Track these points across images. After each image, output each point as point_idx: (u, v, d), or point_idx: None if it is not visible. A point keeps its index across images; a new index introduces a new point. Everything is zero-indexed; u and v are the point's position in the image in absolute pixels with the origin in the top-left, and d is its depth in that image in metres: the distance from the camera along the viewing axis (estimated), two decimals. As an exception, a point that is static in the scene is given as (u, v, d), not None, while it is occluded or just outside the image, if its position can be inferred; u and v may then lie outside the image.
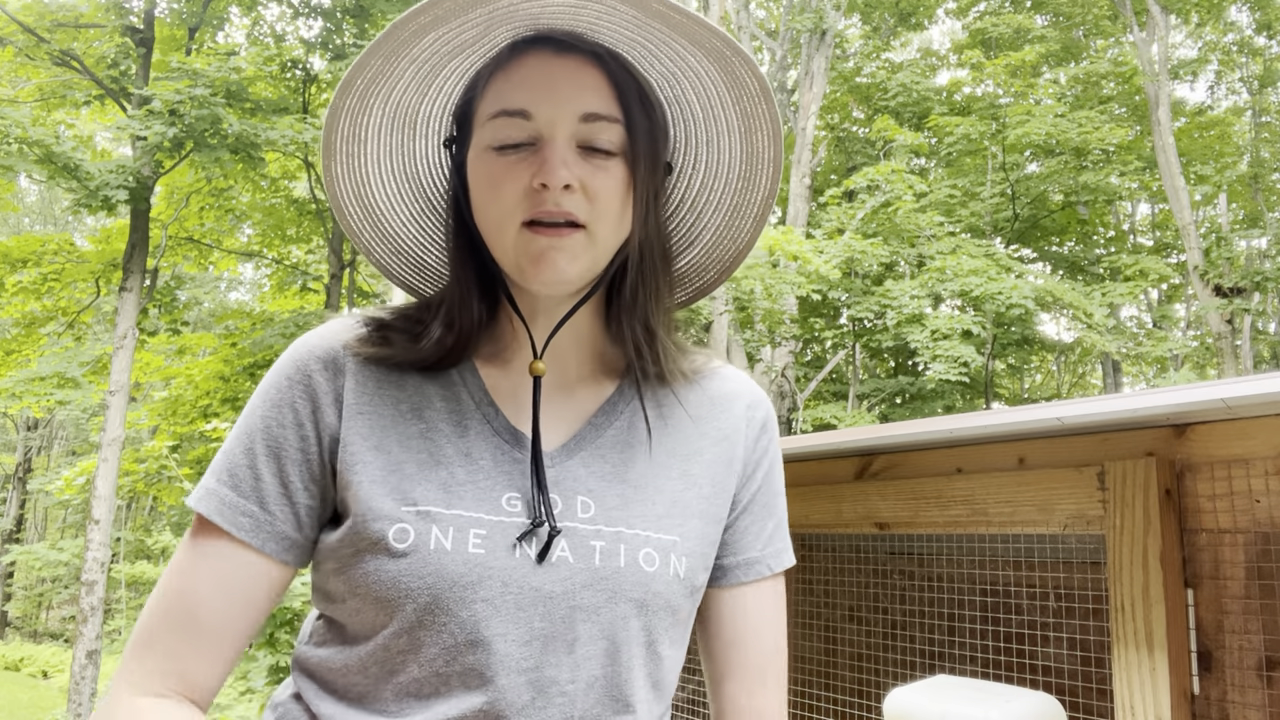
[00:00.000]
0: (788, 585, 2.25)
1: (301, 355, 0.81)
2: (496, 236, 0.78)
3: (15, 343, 13.15)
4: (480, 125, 0.78)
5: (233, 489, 0.78)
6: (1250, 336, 14.32)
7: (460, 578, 0.74)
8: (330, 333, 0.82)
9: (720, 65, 0.79)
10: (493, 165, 0.76)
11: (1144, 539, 1.38)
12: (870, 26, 18.17)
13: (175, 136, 9.09)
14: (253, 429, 0.80)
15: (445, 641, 0.73)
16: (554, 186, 0.74)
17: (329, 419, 0.79)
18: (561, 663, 0.75)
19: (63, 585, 22.54)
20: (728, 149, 0.86)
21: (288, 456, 0.79)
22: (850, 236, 11.84)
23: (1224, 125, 16.11)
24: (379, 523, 0.75)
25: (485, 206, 0.78)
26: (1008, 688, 1.48)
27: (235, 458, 0.79)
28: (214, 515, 0.77)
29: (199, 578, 0.77)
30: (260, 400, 0.81)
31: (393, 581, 0.74)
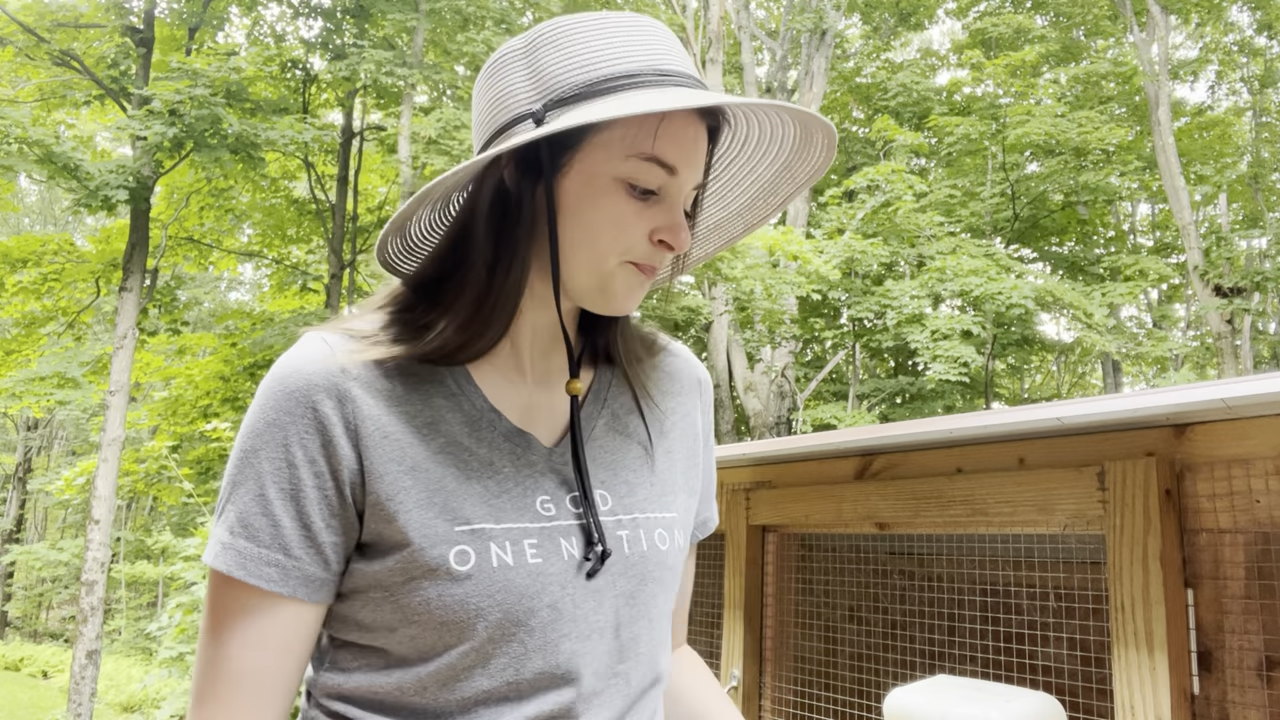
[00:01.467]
0: (788, 585, 2.25)
1: (299, 386, 0.76)
2: (592, 261, 0.79)
3: (15, 343, 13.15)
4: (612, 153, 0.77)
5: (250, 540, 0.75)
6: (1250, 336, 14.32)
7: (527, 589, 0.76)
8: (320, 357, 0.78)
9: (800, 124, 0.83)
10: (624, 204, 0.77)
11: (1144, 539, 1.38)
12: (870, 26, 18.18)
13: (175, 136, 9.09)
14: (260, 473, 0.76)
15: (515, 651, 0.76)
16: (679, 251, 0.79)
17: (344, 451, 0.76)
18: (616, 650, 0.81)
19: (63, 585, 22.54)
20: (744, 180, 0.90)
21: (305, 496, 0.76)
22: (850, 236, 11.85)
23: (1224, 125, 16.12)
24: (437, 548, 0.75)
25: (597, 233, 0.78)
26: (1008, 688, 1.48)
27: (246, 506, 0.75)
28: (236, 571, 0.74)
29: (236, 640, 0.75)
30: (261, 441, 0.76)
31: (460, 605, 0.74)
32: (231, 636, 0.75)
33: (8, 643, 20.97)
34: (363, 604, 0.78)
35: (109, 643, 18.46)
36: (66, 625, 23.00)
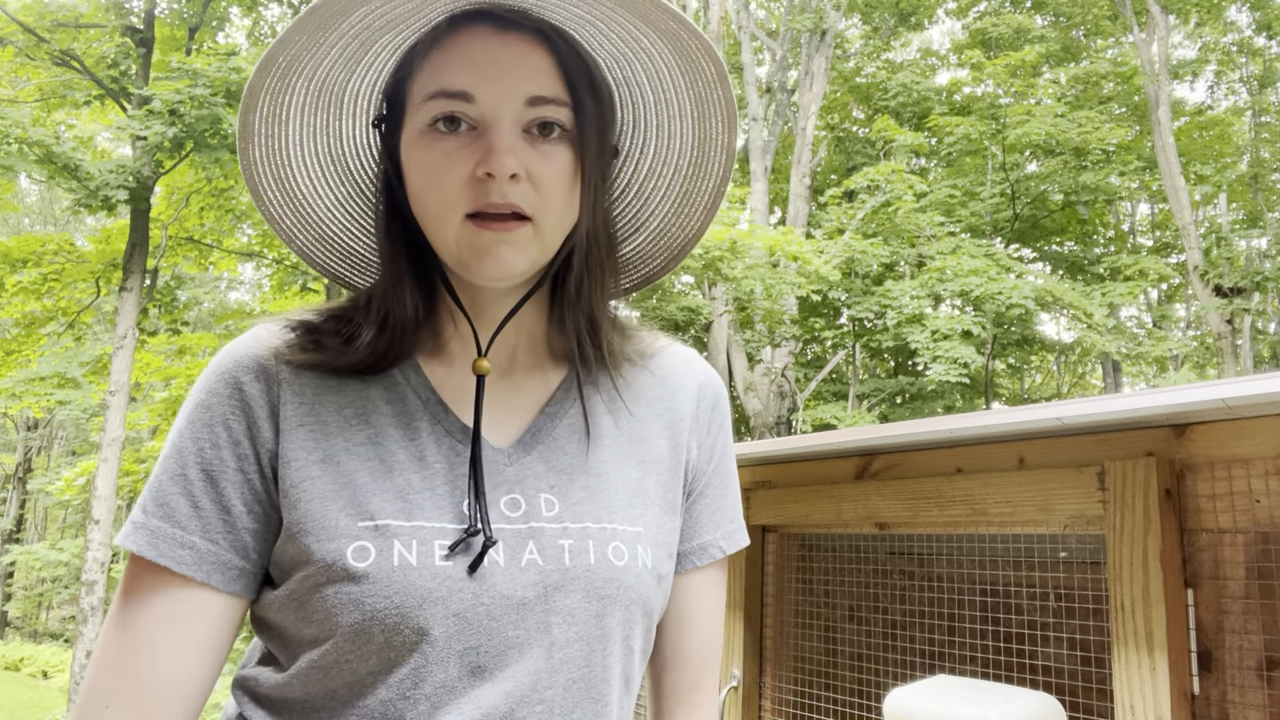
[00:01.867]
0: (788, 585, 2.25)
1: (228, 367, 0.74)
2: (437, 227, 0.73)
3: (15, 343, 13.14)
4: (415, 106, 0.72)
5: (166, 520, 0.70)
6: (1250, 336, 14.32)
7: (429, 593, 0.68)
8: (257, 340, 0.75)
9: (675, 47, 0.75)
10: (431, 151, 0.71)
11: (1144, 539, 1.38)
12: (870, 26, 18.17)
13: (175, 136, 9.09)
14: (183, 452, 0.72)
15: (417, 662, 0.69)
16: (500, 176, 0.69)
17: (265, 434, 0.72)
18: (540, 669, 0.71)
19: (63, 585, 22.53)
20: (679, 134, 0.82)
21: (225, 478, 0.72)
22: (850, 236, 11.84)
23: (1224, 125, 16.12)
24: (335, 541, 0.69)
25: (424, 195, 0.72)
26: (1008, 688, 1.48)
27: (165, 486, 0.71)
28: (148, 551, 0.69)
29: (144, 627, 0.69)
30: (187, 421, 0.73)
31: (355, 605, 0.68)
32: (139, 626, 0.70)
33: (8, 643, 20.97)
34: (269, 603, 0.73)
35: (109, 643, 18.44)
36: (66, 625, 22.99)
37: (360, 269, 0.87)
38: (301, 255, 0.84)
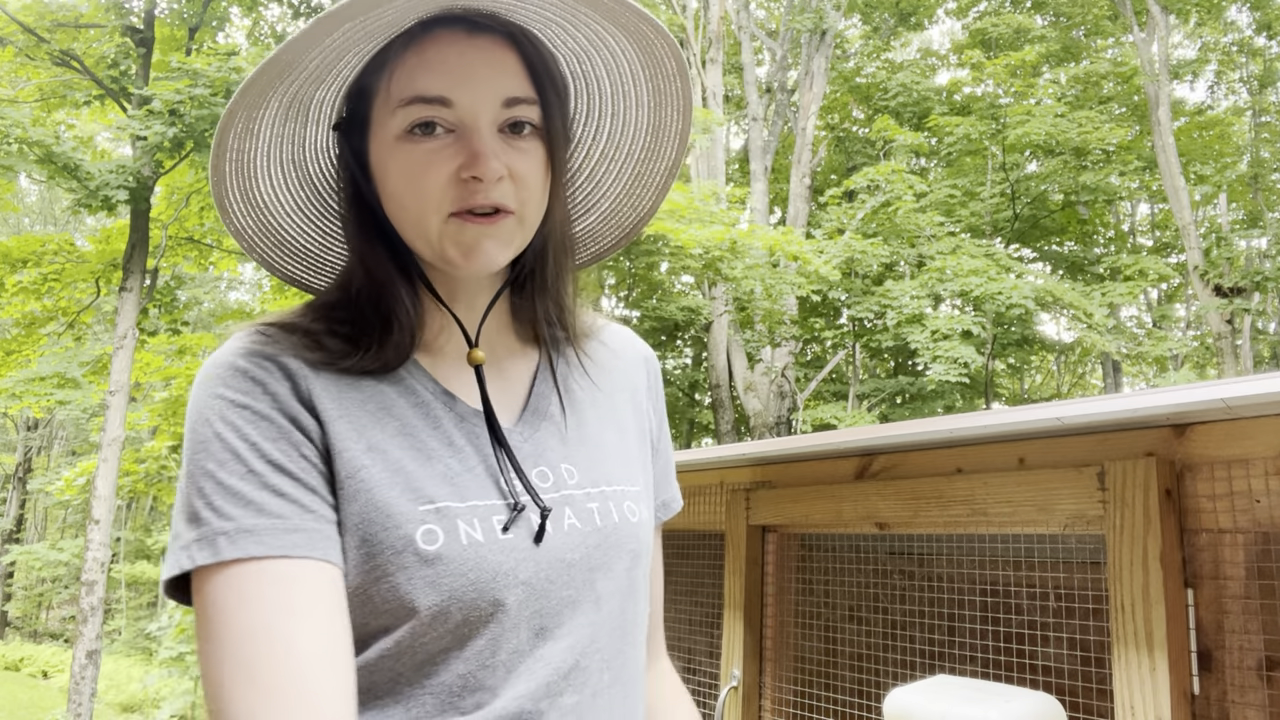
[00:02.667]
0: (788, 585, 2.25)
1: (246, 367, 0.71)
2: (416, 227, 0.75)
3: (15, 343, 13.14)
4: (389, 110, 0.73)
5: (258, 515, 0.66)
6: (1250, 336, 14.32)
7: (500, 567, 0.72)
8: (255, 343, 0.73)
9: (638, 43, 0.77)
10: (410, 156, 0.73)
11: (1144, 539, 1.38)
12: (870, 26, 18.18)
13: (175, 136, 9.09)
14: (239, 452, 0.68)
15: (493, 632, 0.72)
16: (488, 180, 0.72)
17: (310, 425, 0.71)
18: (593, 621, 0.77)
19: (63, 585, 22.54)
20: (634, 121, 0.86)
21: (293, 465, 0.69)
22: (850, 236, 11.85)
23: (1224, 125, 16.12)
24: (402, 528, 0.70)
25: (402, 198, 0.74)
26: (1008, 688, 1.48)
27: (237, 488, 0.67)
28: (256, 549, 0.65)
29: (290, 625, 0.63)
30: (226, 424, 0.69)
31: (431, 587, 0.69)
32: (283, 625, 0.63)
33: (8, 643, 20.98)
34: None
35: (109, 643, 18.46)
36: (66, 625, 23.00)
37: (315, 269, 0.88)
38: (261, 262, 0.85)
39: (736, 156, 18.60)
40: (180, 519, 0.68)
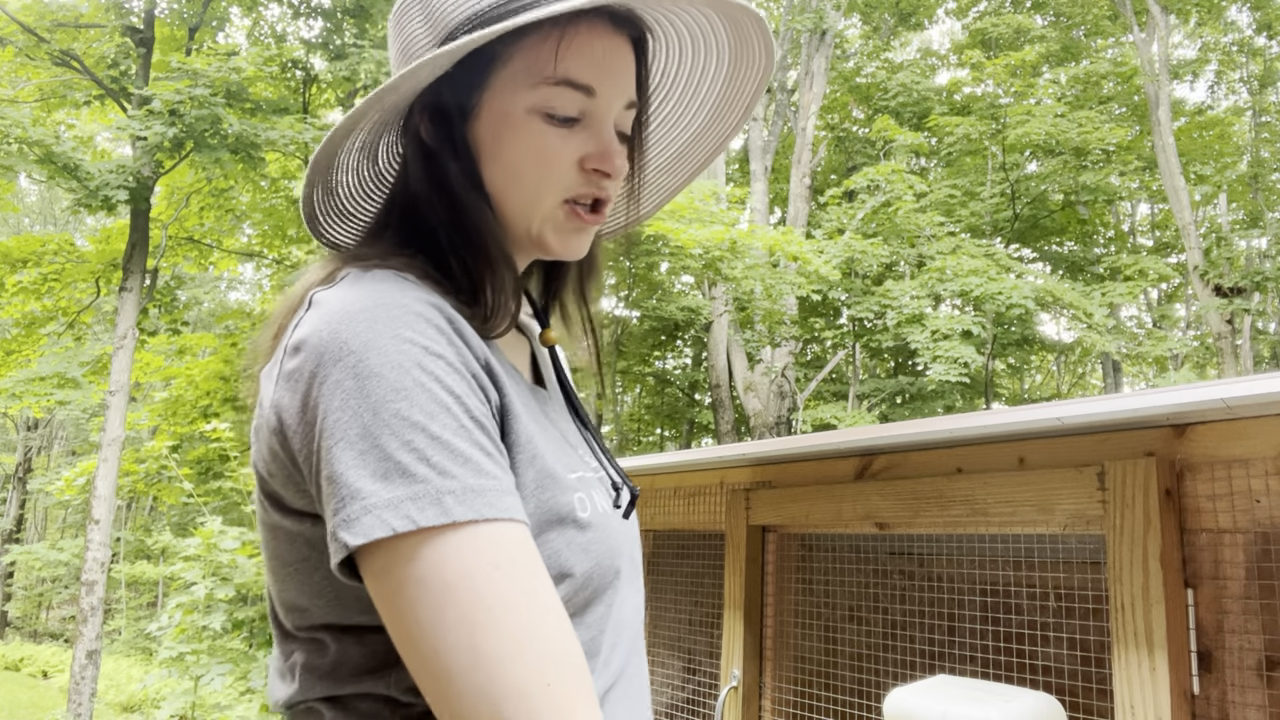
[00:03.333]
0: (788, 584, 2.25)
1: (428, 314, 0.64)
2: (529, 204, 0.74)
3: (15, 343, 13.14)
4: (523, 84, 0.72)
5: (478, 474, 0.60)
6: (1250, 336, 14.32)
7: (618, 536, 0.75)
8: (423, 292, 0.67)
9: (733, 26, 0.78)
10: (544, 134, 0.72)
11: (1144, 539, 1.38)
12: (870, 26, 18.17)
13: (175, 136, 9.09)
14: (445, 403, 0.61)
15: (609, 598, 0.74)
16: (617, 177, 0.75)
17: (487, 382, 0.67)
18: (639, 589, 0.81)
19: (63, 585, 22.53)
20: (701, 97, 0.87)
21: (490, 424, 0.65)
22: (850, 236, 11.85)
23: (1224, 125, 16.11)
24: (566, 494, 0.70)
25: (523, 173, 0.73)
26: (1008, 688, 1.48)
27: (451, 441, 0.60)
28: (486, 511, 0.59)
29: (531, 593, 0.59)
30: (419, 375, 0.60)
31: (584, 553, 0.69)
32: (545, 592, 0.60)
33: (8, 643, 20.97)
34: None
35: (109, 643, 18.46)
36: (66, 625, 23.00)
37: (348, 225, 0.85)
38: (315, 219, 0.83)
39: (736, 156, 18.61)
40: (362, 473, 0.58)
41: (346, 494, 0.58)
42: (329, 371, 0.61)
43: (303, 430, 0.62)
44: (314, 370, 0.61)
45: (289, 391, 0.63)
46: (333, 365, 0.61)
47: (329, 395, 0.60)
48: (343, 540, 0.57)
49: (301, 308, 0.67)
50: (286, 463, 0.64)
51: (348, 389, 0.60)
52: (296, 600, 0.68)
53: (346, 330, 0.61)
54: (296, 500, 0.66)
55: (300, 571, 0.68)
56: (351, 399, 0.59)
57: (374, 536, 0.57)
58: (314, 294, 0.67)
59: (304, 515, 0.66)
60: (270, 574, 0.71)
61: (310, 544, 0.66)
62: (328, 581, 0.66)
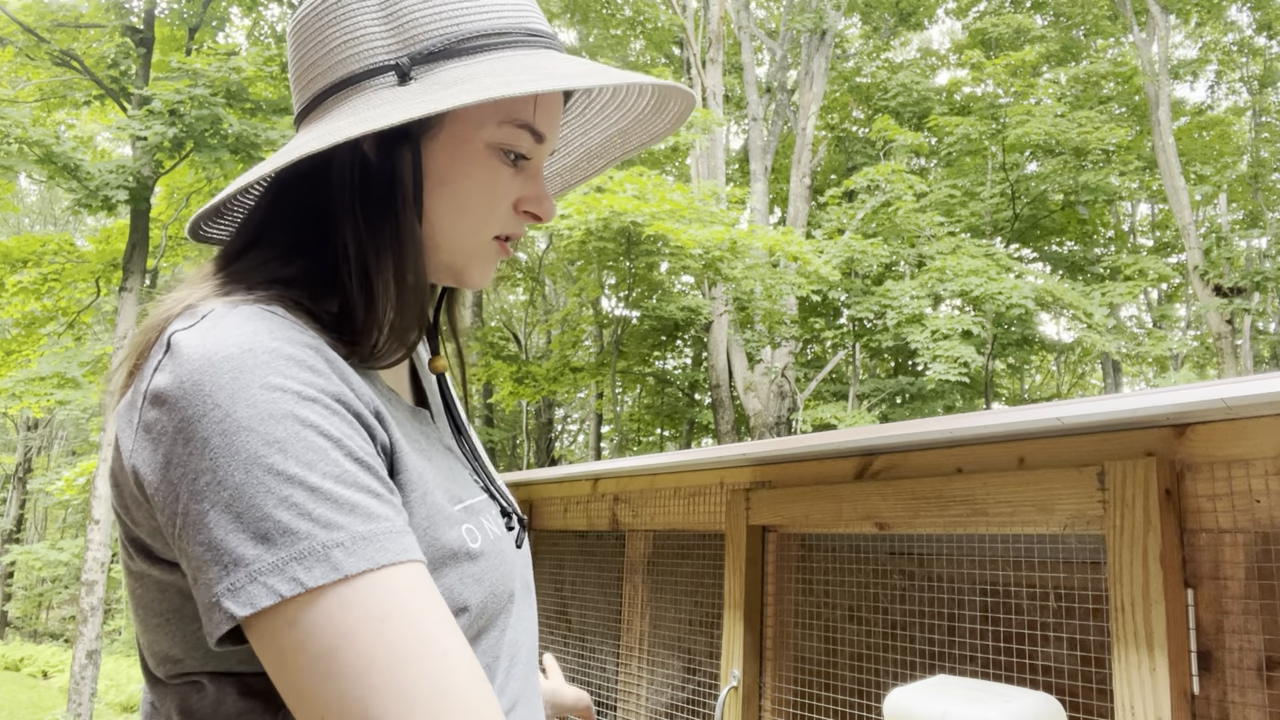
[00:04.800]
0: (788, 584, 2.25)
1: (296, 355, 0.60)
2: (467, 236, 0.73)
3: (15, 343, 13.14)
4: (486, 120, 0.70)
5: (366, 520, 0.57)
6: (1250, 336, 14.32)
7: (512, 559, 0.75)
8: (287, 327, 0.62)
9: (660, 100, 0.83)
10: (497, 171, 0.72)
11: (1144, 539, 1.38)
12: (870, 26, 18.18)
13: (175, 136, 9.09)
14: (324, 451, 0.57)
15: (502, 624, 0.73)
16: (546, 220, 0.76)
17: (370, 420, 0.63)
18: (531, 605, 0.81)
19: (63, 585, 22.53)
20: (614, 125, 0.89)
21: (375, 463, 0.61)
22: (850, 237, 11.85)
23: (1224, 125, 16.12)
24: (454, 528, 0.68)
25: (471, 206, 0.72)
26: (1008, 688, 1.48)
27: (331, 491, 0.56)
28: (381, 556, 0.56)
29: (440, 626, 0.57)
30: (291, 425, 0.57)
31: (477, 582, 0.68)
32: (448, 635, 0.57)
33: (8, 643, 20.97)
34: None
35: (109, 643, 18.45)
36: (66, 625, 22.99)
37: (224, 223, 0.80)
38: (198, 236, 0.79)
39: (736, 156, 18.61)
40: (241, 536, 0.54)
41: (228, 561, 0.54)
42: (194, 428, 0.56)
43: (164, 489, 0.57)
44: (177, 426, 0.57)
45: (149, 445, 0.58)
46: (198, 421, 0.56)
47: (195, 455, 0.56)
48: (228, 611, 0.53)
49: (158, 348, 0.62)
50: (151, 514, 0.60)
51: (215, 447, 0.55)
52: (169, 651, 0.64)
53: (210, 381, 0.57)
54: (166, 551, 0.61)
55: (172, 622, 0.63)
56: (220, 457, 0.55)
57: (260, 605, 0.53)
58: (173, 334, 0.61)
59: (174, 566, 0.61)
60: (138, 623, 0.66)
61: (183, 594, 0.62)
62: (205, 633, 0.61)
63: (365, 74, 0.69)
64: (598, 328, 15.81)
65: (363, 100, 0.68)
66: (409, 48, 0.68)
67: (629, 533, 2.72)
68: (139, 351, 0.65)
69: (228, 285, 0.67)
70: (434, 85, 0.67)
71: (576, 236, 10.03)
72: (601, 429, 18.82)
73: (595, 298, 15.25)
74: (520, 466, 19.60)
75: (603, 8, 15.86)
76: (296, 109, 0.74)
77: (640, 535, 2.69)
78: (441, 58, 0.68)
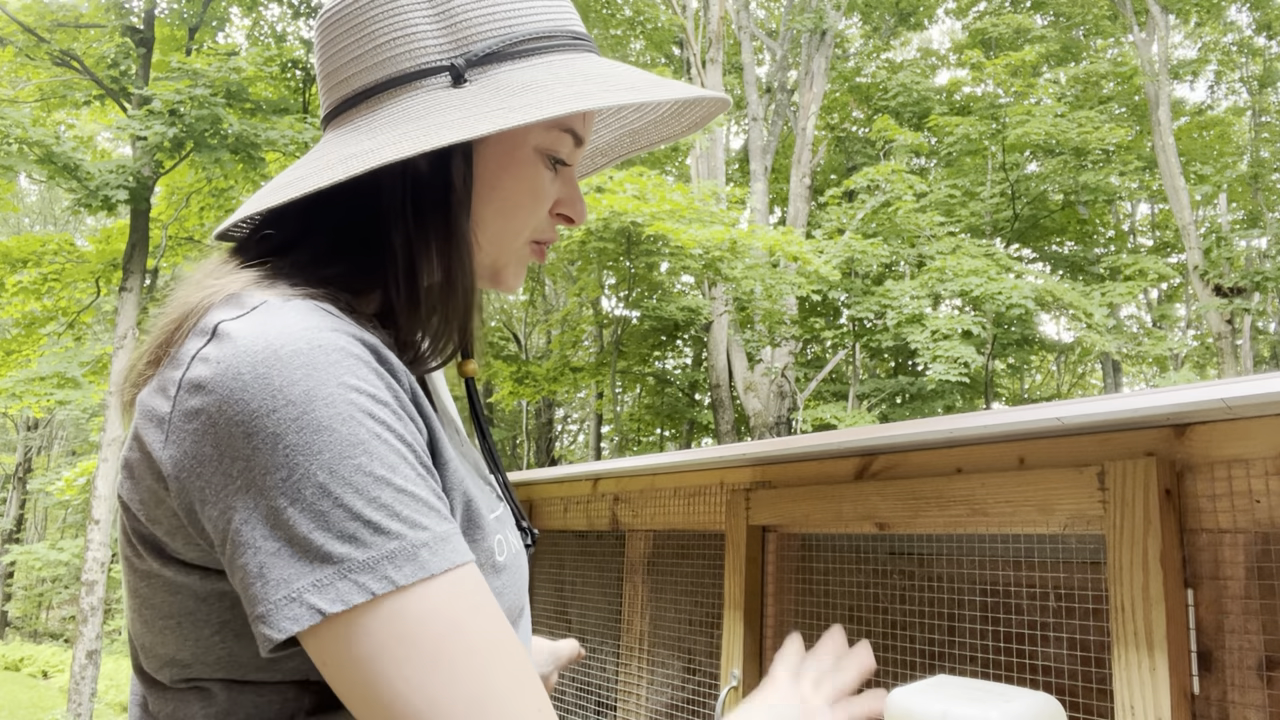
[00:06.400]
0: (788, 584, 2.25)
1: (364, 356, 0.59)
2: (508, 238, 0.73)
3: (15, 343, 13.14)
4: (543, 124, 0.70)
5: (445, 520, 0.58)
6: (1250, 336, 14.31)
7: (523, 574, 0.75)
8: (350, 328, 0.61)
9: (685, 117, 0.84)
10: (541, 175, 0.72)
11: (1144, 539, 1.38)
12: (870, 26, 18.18)
13: (175, 136, 9.09)
14: (402, 454, 0.58)
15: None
16: (579, 222, 0.76)
17: (423, 425, 0.64)
18: (529, 622, 0.82)
19: (63, 585, 22.53)
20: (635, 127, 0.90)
21: (433, 467, 0.62)
22: (850, 236, 11.85)
23: (1224, 125, 16.12)
24: (488, 539, 0.68)
25: (517, 208, 0.72)
26: (1008, 688, 1.48)
27: (418, 493, 0.57)
28: (459, 557, 0.57)
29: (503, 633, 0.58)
30: (372, 425, 0.56)
31: (498, 596, 0.68)
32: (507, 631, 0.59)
33: (8, 643, 20.97)
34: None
35: (109, 643, 18.45)
36: (66, 625, 22.99)
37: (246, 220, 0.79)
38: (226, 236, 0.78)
39: (736, 156, 18.60)
40: (327, 535, 0.54)
41: (313, 558, 0.53)
42: (261, 423, 0.54)
43: (213, 483, 0.56)
44: (235, 418, 0.55)
45: (190, 437, 0.56)
46: (266, 416, 0.54)
47: (264, 450, 0.54)
48: (315, 606, 0.53)
49: (197, 335, 0.60)
50: (176, 512, 0.58)
51: (291, 444, 0.54)
52: (176, 655, 0.62)
53: (280, 376, 0.55)
54: (186, 551, 0.60)
55: (183, 626, 0.61)
56: (299, 455, 0.54)
57: (353, 602, 0.53)
58: (220, 323, 0.59)
59: (193, 568, 0.60)
60: (141, 623, 0.64)
61: (200, 598, 0.60)
62: (219, 638, 0.61)
63: (418, 73, 0.66)
64: (598, 328, 15.81)
65: (417, 102, 0.66)
66: (463, 48, 0.67)
67: (629, 533, 2.72)
68: (166, 338, 0.62)
69: (270, 280, 0.64)
70: (493, 90, 0.65)
71: (576, 236, 10.03)
72: (601, 429, 18.82)
73: (595, 298, 15.25)
74: (520, 466, 19.60)
75: (603, 8, 15.85)
76: (331, 103, 0.71)
77: (640, 535, 2.69)
78: (494, 60, 0.67)
